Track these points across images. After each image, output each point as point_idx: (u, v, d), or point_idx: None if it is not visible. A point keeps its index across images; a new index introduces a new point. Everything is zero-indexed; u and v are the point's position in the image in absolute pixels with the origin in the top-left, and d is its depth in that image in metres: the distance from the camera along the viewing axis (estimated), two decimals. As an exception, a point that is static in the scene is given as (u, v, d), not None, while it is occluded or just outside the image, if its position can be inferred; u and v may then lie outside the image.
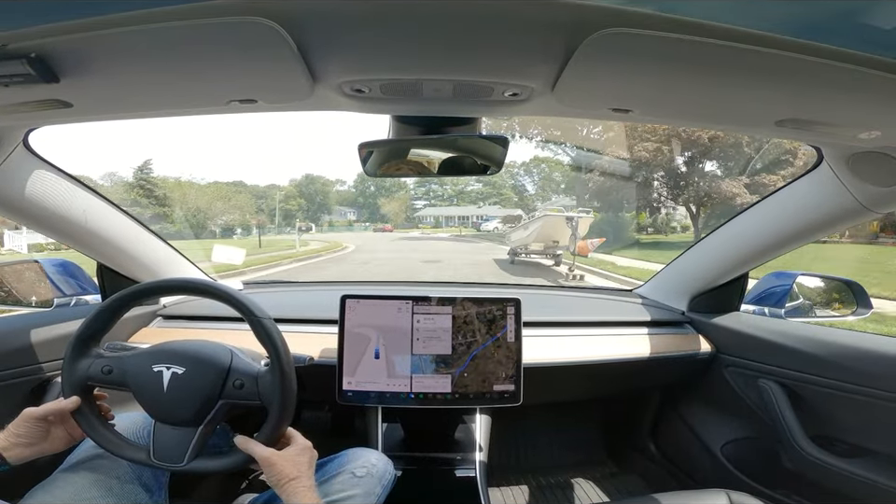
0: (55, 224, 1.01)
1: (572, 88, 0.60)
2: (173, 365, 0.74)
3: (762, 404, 1.18)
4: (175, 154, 56.96)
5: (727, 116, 0.71)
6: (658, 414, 1.59)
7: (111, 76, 0.57)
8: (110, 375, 0.75)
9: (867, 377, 0.96)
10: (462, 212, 42.49)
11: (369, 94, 0.64)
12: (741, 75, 0.53)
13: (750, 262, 1.22)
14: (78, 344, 0.76)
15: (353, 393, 1.09)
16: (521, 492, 1.53)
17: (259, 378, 0.75)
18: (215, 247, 2.51)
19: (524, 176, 37.34)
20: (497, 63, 0.57)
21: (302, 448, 0.75)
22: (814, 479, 1.07)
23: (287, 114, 0.96)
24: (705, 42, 0.46)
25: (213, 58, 0.54)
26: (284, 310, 1.23)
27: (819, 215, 0.99)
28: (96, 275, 1.24)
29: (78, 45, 0.48)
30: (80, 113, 0.67)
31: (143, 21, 0.45)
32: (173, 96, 0.66)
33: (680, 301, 1.43)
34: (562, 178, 34.23)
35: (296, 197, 40.91)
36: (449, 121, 0.80)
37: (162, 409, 0.75)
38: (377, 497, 0.87)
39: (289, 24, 0.47)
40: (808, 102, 0.61)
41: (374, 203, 44.64)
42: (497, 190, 40.80)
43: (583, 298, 1.66)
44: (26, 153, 0.87)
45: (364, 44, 0.52)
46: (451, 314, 1.11)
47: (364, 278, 6.76)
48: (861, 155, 0.80)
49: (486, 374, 1.10)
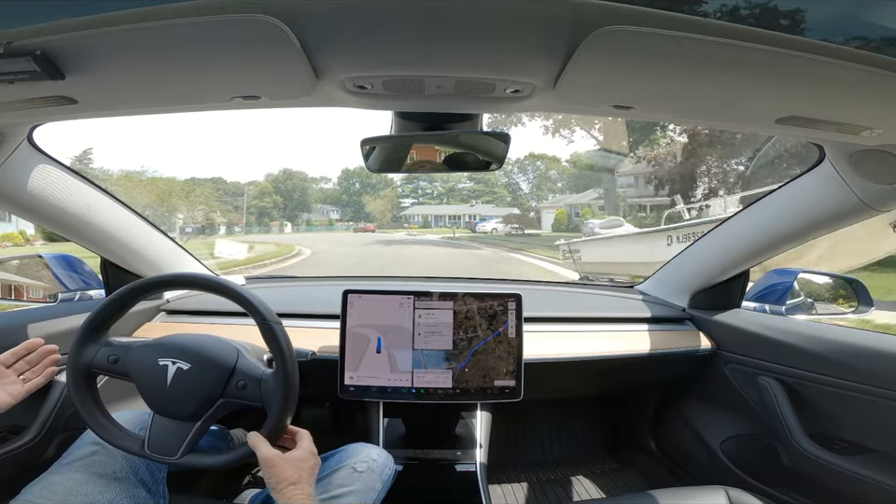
0: (59, 219, 1.02)
1: (574, 85, 0.60)
2: (179, 360, 0.75)
3: (761, 401, 1.18)
4: (153, 149, 55.00)
5: (728, 113, 0.71)
6: (658, 411, 1.59)
7: (116, 72, 0.57)
8: (115, 365, 0.76)
9: (868, 375, 0.96)
10: (453, 211, 39.49)
11: (371, 91, 0.64)
12: (743, 72, 0.53)
13: (752, 259, 1.22)
14: (88, 331, 0.77)
15: (354, 388, 1.10)
16: (521, 487, 1.54)
17: (262, 381, 0.76)
18: (217, 242, 2.50)
19: (518, 174, 36.03)
20: (499, 60, 0.57)
21: (307, 454, 0.74)
22: (813, 477, 1.08)
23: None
24: (706, 40, 0.47)
25: (217, 55, 0.54)
26: (286, 304, 1.24)
27: (820, 212, 0.98)
28: (100, 271, 1.25)
29: (84, 42, 0.49)
30: (85, 109, 0.67)
31: (147, 18, 0.45)
32: (177, 92, 0.67)
33: (681, 298, 1.43)
34: (558, 176, 33.13)
35: (271, 193, 37.68)
36: (451, 117, 0.80)
37: (163, 402, 0.75)
38: (377, 492, 0.87)
39: (293, 21, 0.47)
40: (810, 99, 0.61)
41: (359, 202, 41.58)
42: (490, 188, 38.77)
43: (584, 294, 1.66)
44: (31, 149, 0.88)
45: (367, 41, 0.52)
46: (452, 309, 1.12)
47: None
48: (863, 153, 0.80)
49: (487, 370, 1.10)
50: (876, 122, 0.66)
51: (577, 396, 1.67)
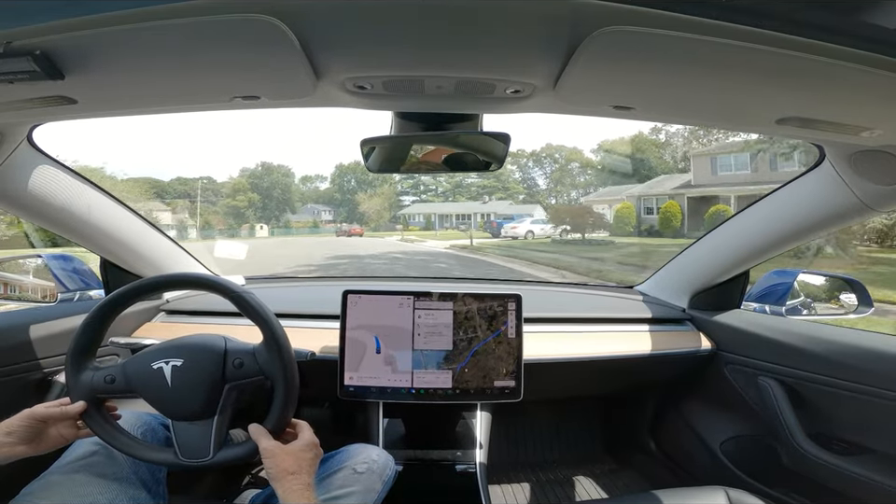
0: (59, 219, 1.02)
1: (574, 85, 0.60)
2: (170, 359, 0.75)
3: (761, 402, 1.18)
4: (126, 146, 51.88)
5: (729, 114, 0.71)
6: (658, 411, 1.59)
7: (115, 72, 0.57)
8: (114, 384, 0.75)
9: (867, 375, 0.96)
10: (462, 209, 32.57)
11: (371, 91, 0.64)
12: (743, 73, 0.53)
13: (752, 260, 1.22)
14: (73, 361, 0.76)
15: (354, 388, 1.10)
16: (521, 488, 1.54)
17: (255, 353, 0.77)
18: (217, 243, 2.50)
19: (533, 168, 31.47)
20: (499, 61, 0.57)
21: (308, 444, 0.73)
22: (813, 477, 1.08)
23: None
24: (707, 40, 0.47)
25: (217, 55, 0.54)
26: (286, 305, 1.23)
27: (820, 213, 0.99)
28: (100, 271, 1.25)
29: (83, 42, 0.49)
30: (85, 109, 0.67)
31: (147, 17, 0.45)
32: (177, 92, 0.67)
33: (681, 299, 1.43)
34: (580, 170, 28.65)
35: (246, 191, 31.55)
36: (451, 118, 0.80)
37: (173, 404, 0.75)
38: (378, 492, 0.87)
39: (293, 21, 0.47)
40: (810, 100, 0.61)
41: (354, 200, 35.72)
42: (503, 184, 33.35)
43: (584, 294, 1.66)
44: (31, 149, 0.88)
45: (367, 41, 0.52)
46: (452, 309, 1.11)
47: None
48: (863, 153, 0.80)
49: (487, 370, 1.10)
50: (876, 123, 0.66)
51: (577, 396, 1.66)
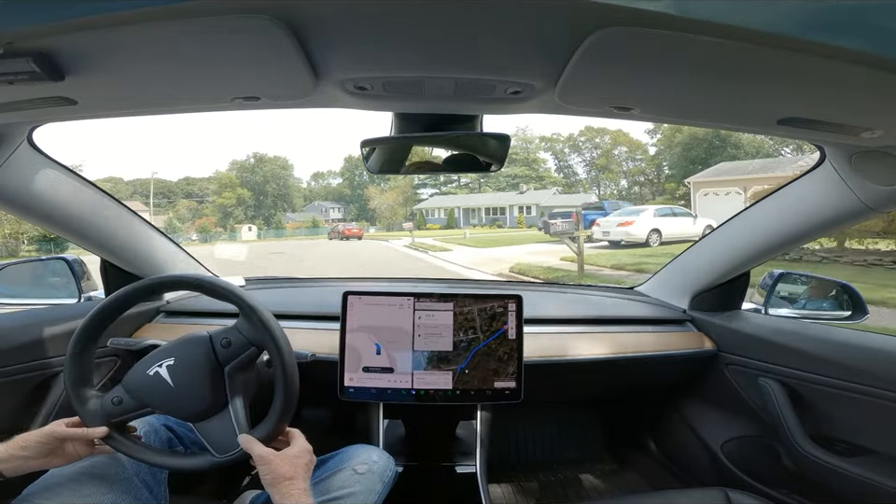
0: (59, 220, 1.02)
1: (574, 86, 0.60)
2: (162, 361, 0.76)
3: (762, 403, 1.18)
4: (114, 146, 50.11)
5: (729, 115, 0.71)
6: (658, 412, 1.59)
7: (115, 73, 0.57)
8: (123, 404, 0.76)
9: (868, 376, 0.96)
10: (493, 200, 27.20)
11: (371, 91, 0.64)
12: (744, 73, 0.53)
13: (752, 261, 1.22)
14: (75, 394, 0.76)
15: (354, 389, 1.10)
16: (521, 489, 1.54)
17: (238, 327, 0.78)
18: (217, 246, 2.50)
19: (570, 154, 27.94)
20: (499, 61, 0.57)
21: (302, 450, 0.74)
22: (814, 478, 1.07)
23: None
24: (707, 41, 0.46)
25: (216, 55, 0.54)
26: (285, 306, 1.23)
27: (821, 213, 0.98)
28: (100, 272, 1.25)
29: (83, 43, 0.49)
30: (85, 110, 0.67)
31: (147, 18, 0.45)
32: (176, 93, 0.67)
33: (682, 300, 1.43)
34: (627, 154, 24.55)
35: (235, 186, 27.93)
36: (450, 118, 0.80)
37: (184, 404, 0.76)
38: (378, 493, 0.87)
39: (292, 22, 0.47)
40: (811, 101, 0.61)
41: (365, 195, 31.73)
42: (536, 172, 29.55)
43: (585, 295, 1.66)
44: (31, 150, 0.88)
45: (367, 42, 0.52)
46: (452, 310, 1.11)
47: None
48: (864, 154, 0.80)
49: (487, 371, 1.10)
50: (877, 123, 0.66)
51: (577, 397, 1.66)
